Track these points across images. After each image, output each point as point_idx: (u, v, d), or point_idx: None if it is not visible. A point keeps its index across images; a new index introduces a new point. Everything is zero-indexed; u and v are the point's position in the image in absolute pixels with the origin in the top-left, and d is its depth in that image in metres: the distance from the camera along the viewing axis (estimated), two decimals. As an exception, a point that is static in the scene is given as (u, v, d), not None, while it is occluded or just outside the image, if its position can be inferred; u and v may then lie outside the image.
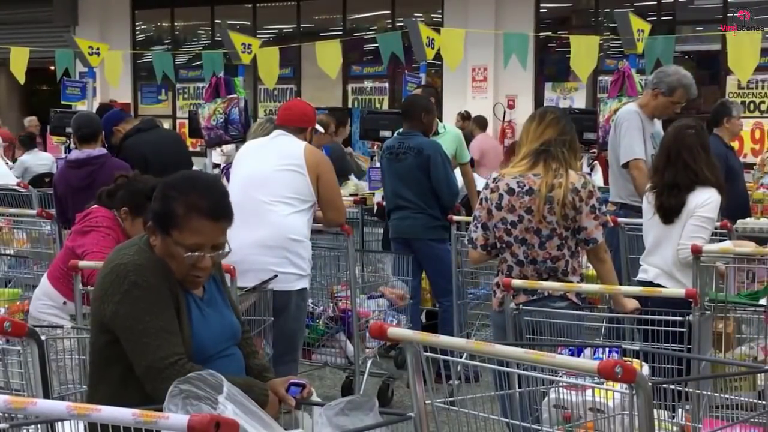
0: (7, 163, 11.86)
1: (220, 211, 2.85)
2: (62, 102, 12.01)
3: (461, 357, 3.87)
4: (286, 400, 2.89)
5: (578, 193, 4.02)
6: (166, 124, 14.87)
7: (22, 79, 12.52)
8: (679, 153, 4.65)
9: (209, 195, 2.85)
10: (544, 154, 4.08)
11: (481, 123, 13.07)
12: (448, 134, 6.96)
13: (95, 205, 4.45)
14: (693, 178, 4.61)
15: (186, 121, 13.11)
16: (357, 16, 16.12)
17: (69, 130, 8.74)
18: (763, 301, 3.98)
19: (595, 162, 9.39)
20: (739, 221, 6.14)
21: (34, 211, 6.23)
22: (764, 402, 3.10)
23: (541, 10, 14.38)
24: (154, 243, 2.87)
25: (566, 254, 4.06)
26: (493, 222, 4.15)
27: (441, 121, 7.58)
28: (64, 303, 4.42)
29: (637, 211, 5.38)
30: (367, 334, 5.51)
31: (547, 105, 12.70)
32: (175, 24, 17.88)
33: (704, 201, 4.58)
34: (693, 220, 4.58)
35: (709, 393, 3.26)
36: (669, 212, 4.65)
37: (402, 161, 6.30)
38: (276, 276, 4.54)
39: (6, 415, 2.21)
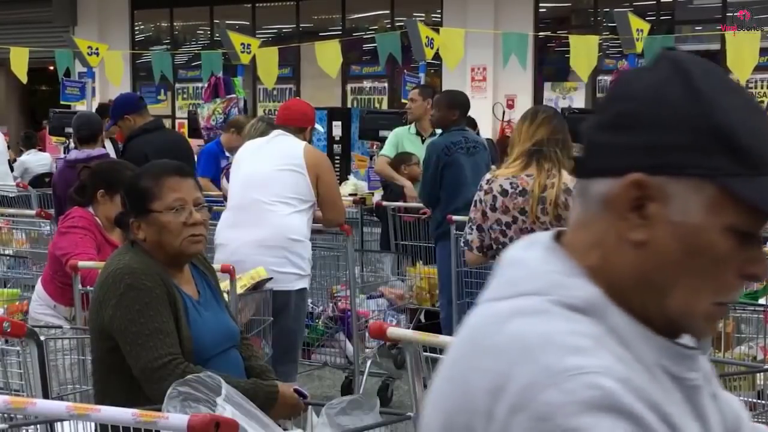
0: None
1: (185, 169, 3.05)
2: (61, 102, 12.01)
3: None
4: None
5: (571, 193, 4.00)
6: (166, 124, 14.86)
7: (24, 78, 12.54)
8: None
9: (168, 161, 3.14)
10: (536, 154, 4.04)
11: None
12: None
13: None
14: None
15: (185, 122, 13.12)
16: (356, 15, 16.12)
17: (68, 130, 8.75)
18: (762, 301, 3.98)
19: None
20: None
21: (33, 212, 6.24)
22: (764, 401, 3.10)
23: (540, 10, 14.38)
24: (142, 238, 2.90)
25: (562, 254, 4.04)
26: (488, 224, 4.13)
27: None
28: (54, 306, 4.40)
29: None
30: (367, 334, 5.51)
31: (541, 104, 12.72)
32: (174, 24, 17.87)
33: None
34: None
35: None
36: None
37: (473, 155, 6.21)
38: (271, 278, 4.54)
39: (6, 415, 2.21)
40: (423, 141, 7.12)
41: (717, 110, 1.07)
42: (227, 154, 8.11)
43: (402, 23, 11.78)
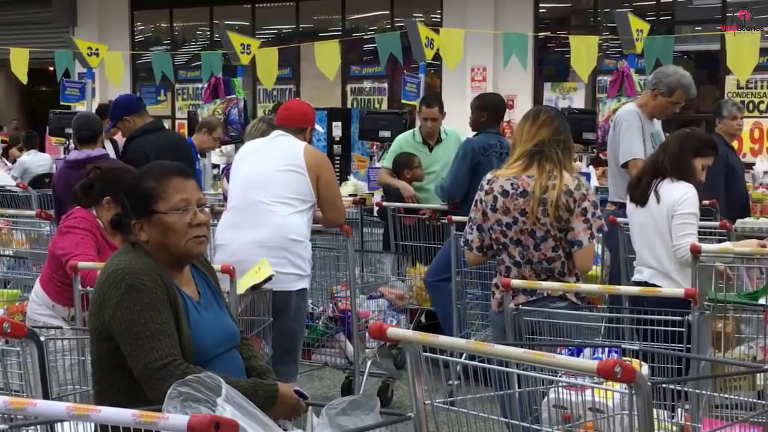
0: (6, 164, 11.88)
1: (187, 170, 3.03)
2: (61, 103, 12.01)
3: (461, 357, 3.87)
4: None
5: (572, 195, 3.98)
6: (165, 125, 14.85)
7: (24, 79, 12.54)
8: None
9: (170, 162, 3.11)
10: (538, 155, 4.03)
11: None
12: (451, 138, 6.94)
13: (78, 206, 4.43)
14: (656, 165, 4.78)
15: (185, 122, 13.11)
16: (356, 16, 16.13)
17: (68, 130, 8.75)
18: (762, 301, 3.98)
19: (591, 165, 9.38)
20: (739, 221, 6.14)
21: (33, 212, 6.23)
22: (764, 401, 3.10)
23: (540, 10, 14.39)
24: (145, 239, 2.89)
25: (561, 255, 4.03)
26: (488, 224, 4.12)
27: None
28: (53, 306, 4.40)
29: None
30: (367, 335, 5.51)
31: (543, 105, 12.73)
32: (174, 24, 17.88)
33: (681, 198, 4.62)
34: (676, 219, 4.60)
35: (708, 393, 3.26)
36: (635, 192, 4.78)
37: (504, 161, 6.22)
38: (271, 277, 4.54)
39: (5, 415, 2.21)
40: (431, 149, 7.10)
41: None
42: (198, 155, 8.14)
43: (402, 23, 11.77)
